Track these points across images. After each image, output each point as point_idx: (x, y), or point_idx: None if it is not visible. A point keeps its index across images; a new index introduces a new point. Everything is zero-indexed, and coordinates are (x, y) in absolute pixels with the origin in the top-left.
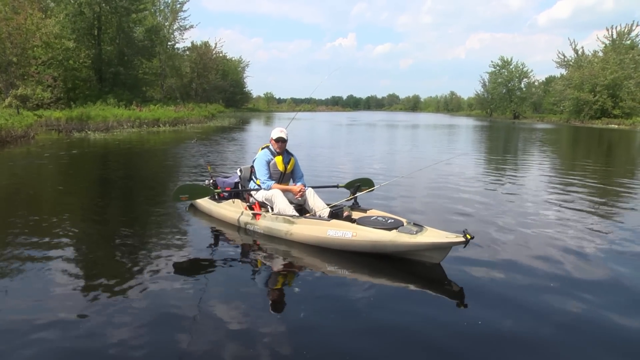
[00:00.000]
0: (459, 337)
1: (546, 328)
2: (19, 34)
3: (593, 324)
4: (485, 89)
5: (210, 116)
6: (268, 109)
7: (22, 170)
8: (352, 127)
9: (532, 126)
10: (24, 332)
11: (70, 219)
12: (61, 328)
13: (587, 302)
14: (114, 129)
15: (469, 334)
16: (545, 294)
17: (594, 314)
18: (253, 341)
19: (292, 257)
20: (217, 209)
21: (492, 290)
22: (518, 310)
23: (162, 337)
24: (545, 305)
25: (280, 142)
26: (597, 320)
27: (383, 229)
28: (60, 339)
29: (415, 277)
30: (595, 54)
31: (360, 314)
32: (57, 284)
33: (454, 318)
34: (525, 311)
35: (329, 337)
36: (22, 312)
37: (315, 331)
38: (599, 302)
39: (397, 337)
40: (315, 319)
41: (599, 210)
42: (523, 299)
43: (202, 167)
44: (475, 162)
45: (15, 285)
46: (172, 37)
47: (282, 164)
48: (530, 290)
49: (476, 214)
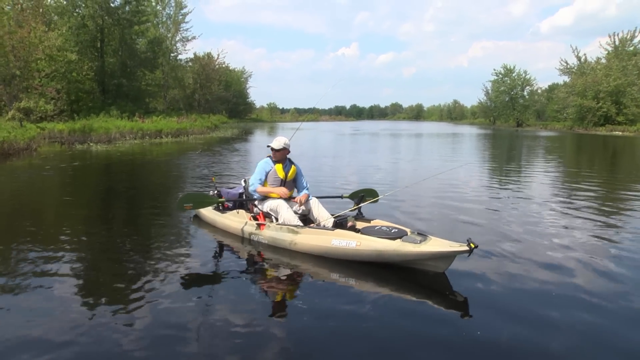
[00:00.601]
0: (463, 348)
1: (552, 339)
2: (22, 47)
3: (601, 336)
4: (488, 97)
5: (213, 127)
6: (271, 119)
7: (25, 183)
8: (355, 137)
9: (536, 134)
10: (30, 343)
11: (74, 231)
12: (65, 340)
13: (596, 314)
14: (116, 140)
15: (473, 345)
16: (552, 304)
17: (603, 326)
18: (257, 352)
19: (296, 267)
20: (221, 220)
21: (497, 300)
22: (524, 321)
23: (166, 348)
24: (552, 316)
25: (279, 152)
26: (605, 332)
27: (387, 239)
28: (63, 351)
29: (419, 286)
30: (598, 60)
31: (364, 325)
32: (62, 296)
33: (458, 329)
34: (531, 322)
35: (333, 347)
36: (29, 324)
37: (319, 342)
38: (607, 313)
39: (400, 347)
40: (320, 330)
41: (606, 218)
42: (529, 310)
43: (206, 177)
44: (479, 171)
45: (22, 298)
46: (175, 49)
47: (282, 171)
48: (536, 300)
49: (481, 222)
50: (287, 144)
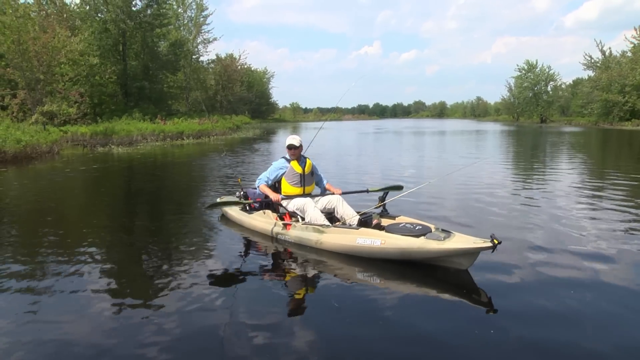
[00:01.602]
0: (487, 346)
1: (580, 336)
2: (45, 52)
3: (628, 335)
4: (512, 93)
5: (235, 128)
6: (294, 119)
7: (47, 186)
8: (378, 135)
9: (560, 130)
10: (59, 346)
11: (98, 233)
12: (92, 342)
13: (621, 313)
14: (137, 142)
15: (498, 343)
16: (576, 303)
17: (629, 325)
18: (282, 350)
19: (322, 266)
20: (248, 220)
21: (522, 297)
22: (548, 319)
23: (192, 347)
24: (577, 314)
25: (293, 149)
26: (632, 330)
27: (411, 236)
28: (90, 351)
29: (443, 284)
30: (623, 54)
31: (389, 323)
32: (88, 298)
33: (482, 327)
34: (556, 320)
35: (358, 345)
36: (56, 326)
37: (344, 340)
38: (634, 312)
39: (425, 346)
40: (345, 328)
41: (634, 216)
42: (553, 308)
43: (231, 178)
44: (503, 167)
45: (48, 301)
46: (196, 51)
47: (298, 166)
48: (561, 298)
49: (505, 218)
50: (300, 141)
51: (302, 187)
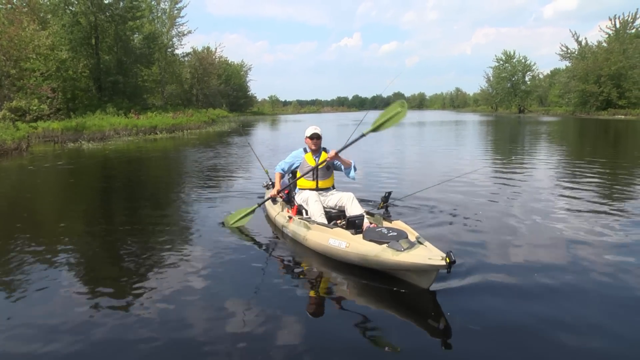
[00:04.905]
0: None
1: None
2: (12, 47)
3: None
4: (490, 84)
5: (210, 121)
6: (273, 112)
7: (14, 183)
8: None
9: (537, 119)
10: (37, 341)
11: (70, 229)
12: (72, 340)
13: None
14: (109, 138)
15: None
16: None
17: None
18: (264, 344)
19: (300, 266)
20: (268, 209)
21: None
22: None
23: (171, 342)
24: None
25: (315, 139)
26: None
27: (374, 242)
28: (72, 350)
29: (404, 299)
30: (599, 44)
31: (329, 335)
32: (66, 296)
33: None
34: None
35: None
36: (31, 327)
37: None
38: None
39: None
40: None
41: (615, 208)
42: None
43: (201, 172)
44: (482, 156)
45: (20, 304)
46: (171, 44)
47: (312, 159)
48: (543, 304)
49: (485, 210)
50: (319, 131)
51: (314, 181)
